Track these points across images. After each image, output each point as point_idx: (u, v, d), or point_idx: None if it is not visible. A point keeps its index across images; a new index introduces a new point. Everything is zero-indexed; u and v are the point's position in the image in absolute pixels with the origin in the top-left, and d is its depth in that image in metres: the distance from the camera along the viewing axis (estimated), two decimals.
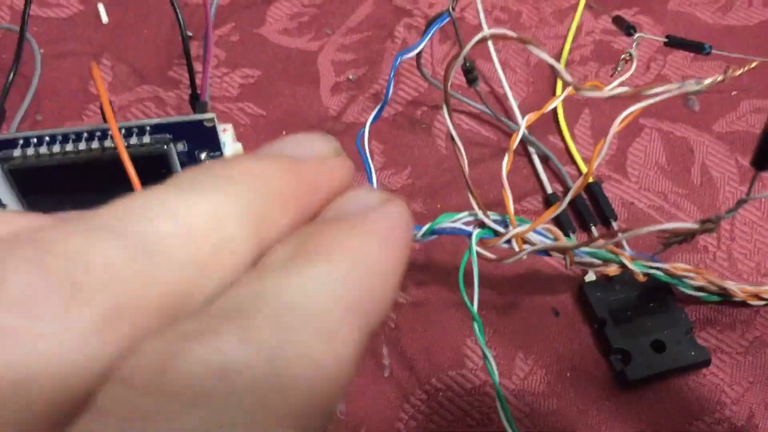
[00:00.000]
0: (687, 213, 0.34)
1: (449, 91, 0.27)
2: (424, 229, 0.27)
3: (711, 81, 0.24)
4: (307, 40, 0.40)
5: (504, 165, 0.28)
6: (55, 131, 0.29)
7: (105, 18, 0.41)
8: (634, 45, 0.33)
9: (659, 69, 0.39)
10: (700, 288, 0.29)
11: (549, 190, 0.34)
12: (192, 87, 0.34)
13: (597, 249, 0.27)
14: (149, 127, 0.29)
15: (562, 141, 0.36)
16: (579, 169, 0.35)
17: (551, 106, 0.28)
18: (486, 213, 0.28)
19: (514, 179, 0.35)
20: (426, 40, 0.30)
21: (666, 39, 0.35)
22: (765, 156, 0.19)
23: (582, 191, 0.34)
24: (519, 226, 0.27)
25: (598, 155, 0.26)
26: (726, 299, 0.30)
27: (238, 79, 0.39)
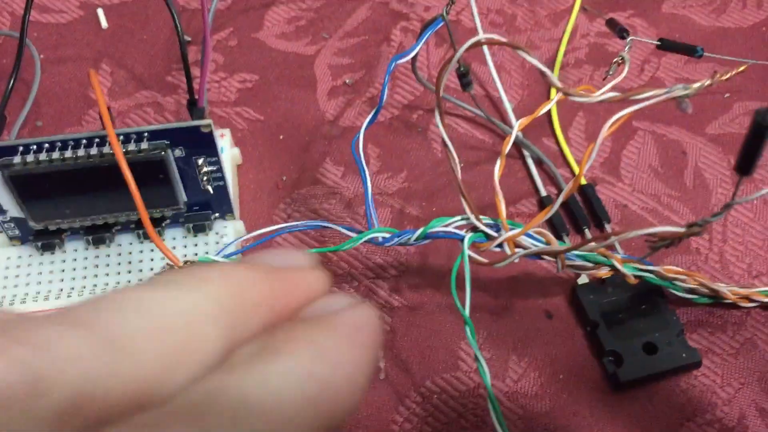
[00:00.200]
0: (680, 215, 0.34)
1: (442, 96, 0.27)
2: (417, 234, 0.28)
3: (699, 86, 0.25)
4: (305, 44, 0.41)
5: (496, 170, 0.28)
6: (55, 138, 0.29)
7: (104, 23, 0.42)
8: (626, 48, 0.33)
9: (653, 71, 0.39)
10: (691, 290, 0.30)
11: (543, 192, 0.35)
12: (189, 92, 0.34)
13: (588, 252, 0.28)
14: (147, 134, 0.29)
15: (556, 144, 0.36)
16: (573, 172, 0.35)
17: (543, 110, 0.28)
18: (478, 217, 0.28)
19: (508, 182, 0.35)
20: (420, 44, 0.31)
21: (659, 42, 0.35)
22: (748, 161, 0.20)
23: (576, 193, 0.34)
24: (511, 229, 0.28)
25: (587, 159, 0.26)
26: (717, 301, 0.30)
27: (236, 84, 0.39)
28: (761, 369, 0.30)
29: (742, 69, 0.27)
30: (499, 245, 0.28)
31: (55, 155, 0.29)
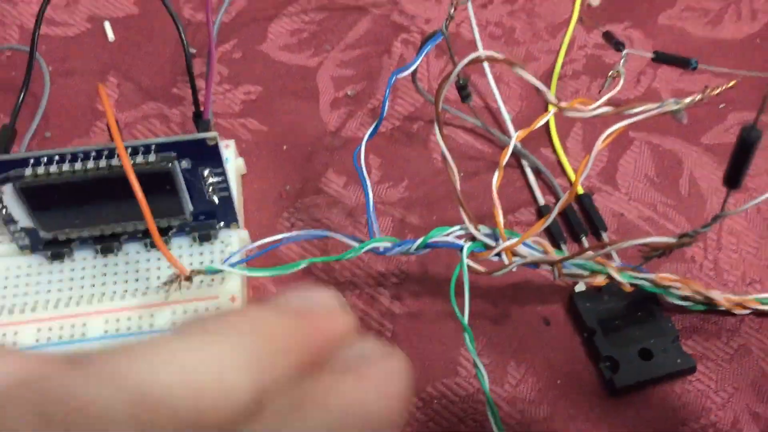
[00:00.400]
0: (675, 223, 0.35)
1: (442, 108, 0.28)
2: (417, 243, 0.29)
3: (690, 100, 0.25)
4: (307, 56, 0.42)
5: (494, 181, 0.29)
6: (65, 150, 0.30)
7: (111, 36, 0.42)
8: (622, 61, 0.34)
9: (649, 83, 0.40)
10: (686, 297, 0.30)
11: (541, 201, 0.36)
12: (195, 105, 0.35)
13: (585, 261, 0.29)
14: (154, 146, 0.30)
15: (554, 154, 0.37)
16: (570, 181, 0.36)
17: (540, 123, 0.29)
18: (477, 227, 0.29)
19: (507, 191, 0.36)
20: (420, 59, 0.32)
21: (653, 54, 0.36)
22: (736, 174, 0.20)
23: (573, 203, 0.35)
24: (509, 239, 0.28)
25: (583, 170, 0.27)
26: (711, 308, 0.31)
27: (240, 96, 0.40)
28: (754, 374, 0.31)
29: (732, 84, 0.28)
30: (497, 254, 0.28)
31: (65, 167, 0.30)
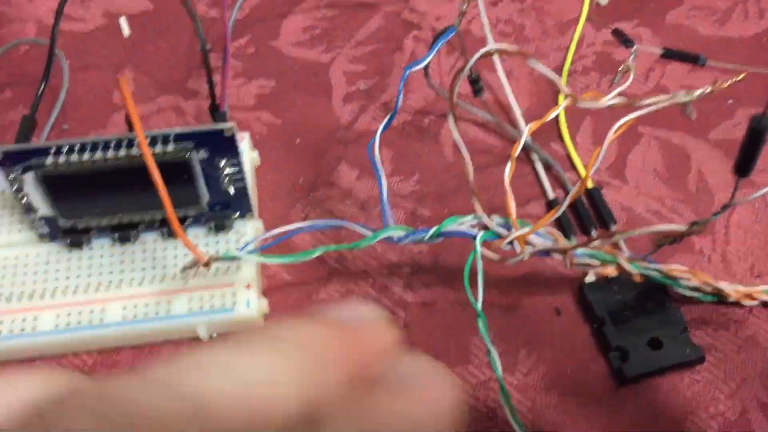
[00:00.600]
0: (683, 217, 0.35)
1: (455, 101, 0.29)
2: (431, 232, 0.29)
3: (701, 92, 0.26)
4: (320, 52, 0.42)
5: (506, 172, 0.29)
6: (85, 140, 0.30)
7: (127, 31, 0.43)
8: (631, 57, 0.35)
9: (658, 79, 0.40)
10: (695, 288, 0.31)
11: (551, 195, 0.36)
12: (212, 97, 0.35)
13: (595, 250, 0.29)
14: (173, 136, 0.31)
15: (564, 148, 0.38)
16: (580, 175, 0.37)
17: (551, 115, 0.30)
18: (490, 216, 0.29)
19: (517, 185, 0.36)
20: (432, 53, 0.32)
21: (662, 51, 0.36)
22: (746, 163, 0.21)
23: (582, 196, 0.35)
24: (521, 228, 0.29)
25: (594, 163, 0.27)
26: (720, 299, 0.32)
27: (254, 90, 0.40)
28: (762, 365, 0.31)
29: (741, 77, 0.29)
30: (510, 243, 0.29)
31: (85, 156, 0.30)
